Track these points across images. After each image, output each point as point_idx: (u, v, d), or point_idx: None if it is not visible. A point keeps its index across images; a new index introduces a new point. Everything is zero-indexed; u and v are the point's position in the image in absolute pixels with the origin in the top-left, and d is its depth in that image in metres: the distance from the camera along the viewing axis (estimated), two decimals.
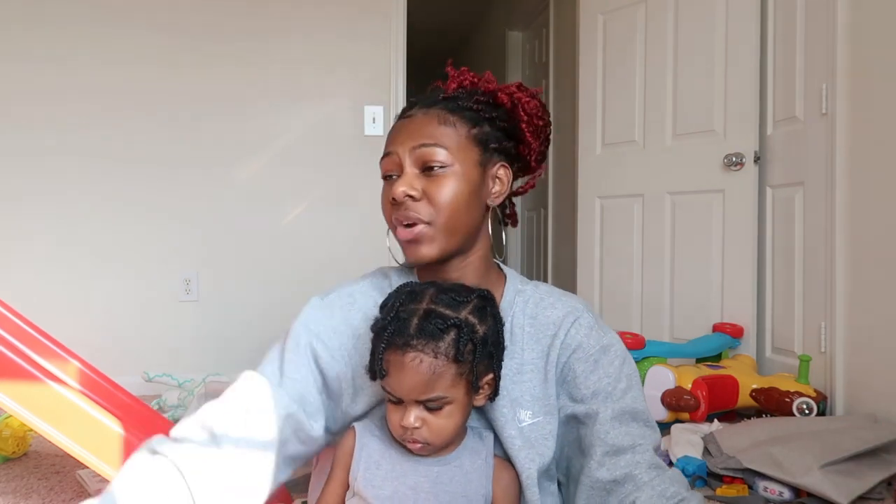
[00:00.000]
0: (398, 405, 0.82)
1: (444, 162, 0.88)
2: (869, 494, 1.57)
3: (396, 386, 0.80)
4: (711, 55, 2.60)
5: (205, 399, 2.03)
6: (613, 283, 3.02)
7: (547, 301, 0.95)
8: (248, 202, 2.93)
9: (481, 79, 0.97)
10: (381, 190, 0.94)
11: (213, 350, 2.84)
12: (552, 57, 3.86)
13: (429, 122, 0.90)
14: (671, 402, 2.03)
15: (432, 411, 0.81)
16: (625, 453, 0.87)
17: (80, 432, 1.27)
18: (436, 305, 0.82)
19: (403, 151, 0.89)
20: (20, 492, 1.67)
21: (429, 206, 0.87)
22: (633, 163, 2.91)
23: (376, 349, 0.81)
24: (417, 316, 0.80)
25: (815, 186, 2.23)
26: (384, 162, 0.91)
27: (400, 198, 0.86)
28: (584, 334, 0.92)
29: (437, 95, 0.93)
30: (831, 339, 2.13)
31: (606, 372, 0.91)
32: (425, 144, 0.88)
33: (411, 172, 0.88)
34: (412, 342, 0.79)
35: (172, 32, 2.85)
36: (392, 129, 0.93)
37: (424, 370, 0.79)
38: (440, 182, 0.88)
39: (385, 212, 0.92)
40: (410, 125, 0.90)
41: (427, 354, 0.79)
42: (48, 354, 1.71)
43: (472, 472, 0.85)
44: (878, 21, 2.01)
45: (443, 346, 0.79)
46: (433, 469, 0.84)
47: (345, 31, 2.99)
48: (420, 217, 0.87)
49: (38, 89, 2.74)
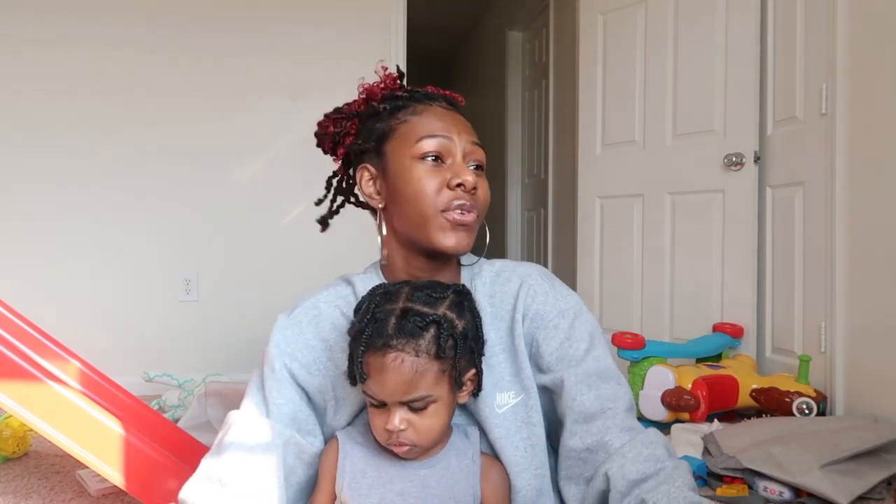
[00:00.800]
0: (381, 409, 0.80)
1: (484, 163, 0.94)
2: (869, 494, 1.57)
3: (379, 388, 0.78)
4: (711, 55, 2.60)
5: (204, 399, 2.04)
6: (613, 283, 3.02)
7: (502, 276, 0.96)
8: (248, 202, 2.93)
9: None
10: (416, 170, 0.89)
11: (213, 350, 2.84)
12: (552, 57, 3.86)
13: (467, 122, 0.95)
14: (671, 402, 2.03)
15: (417, 412, 0.79)
16: (595, 419, 0.85)
17: (81, 432, 1.27)
18: (412, 303, 0.80)
19: (461, 142, 0.91)
20: (20, 492, 1.67)
21: (480, 200, 0.92)
22: (633, 163, 2.91)
23: (355, 353, 0.79)
24: (395, 315, 0.79)
25: (815, 186, 2.23)
26: (433, 142, 0.90)
27: (471, 186, 0.89)
28: (540, 301, 0.92)
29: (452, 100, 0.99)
30: (831, 339, 2.13)
31: (567, 335, 0.90)
32: (478, 144, 0.94)
33: (466, 165, 0.91)
34: (392, 342, 0.77)
35: (172, 31, 2.85)
36: (431, 111, 0.93)
37: (406, 370, 0.77)
38: (483, 181, 0.93)
39: (427, 193, 0.88)
40: (460, 119, 0.94)
41: (408, 353, 0.77)
42: (48, 354, 1.71)
43: (460, 472, 0.84)
44: (878, 21, 2.01)
45: (423, 344, 0.78)
46: (420, 473, 0.83)
47: (345, 31, 2.99)
48: (478, 208, 0.91)
49: (35, 85, 2.74)
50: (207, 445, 1.66)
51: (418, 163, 0.89)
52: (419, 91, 0.96)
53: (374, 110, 0.96)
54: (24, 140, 2.73)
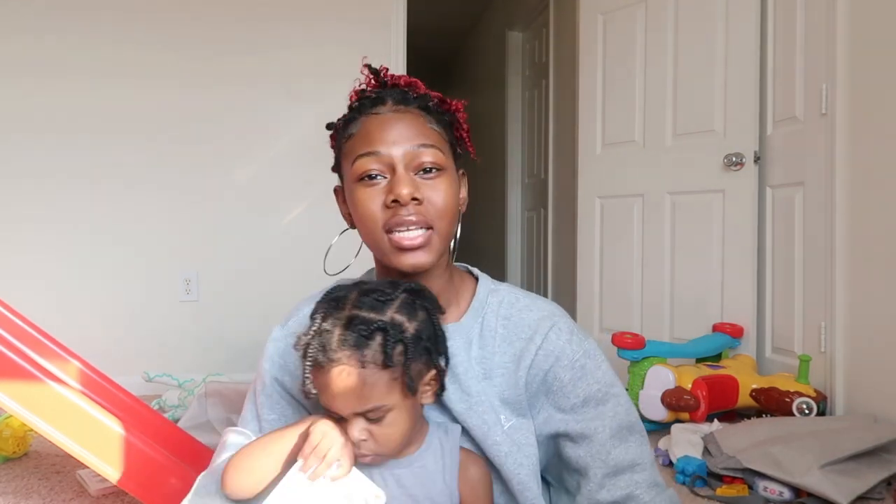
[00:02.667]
0: (341, 421, 0.78)
1: (440, 164, 0.84)
2: (869, 494, 1.57)
3: (330, 403, 0.76)
4: (711, 55, 2.60)
5: (205, 399, 2.04)
6: (613, 283, 3.02)
7: (522, 302, 0.92)
8: (248, 202, 2.93)
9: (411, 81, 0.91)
10: (352, 193, 0.85)
11: (213, 350, 2.84)
12: (552, 57, 3.86)
13: (415, 121, 0.84)
14: (671, 402, 2.03)
15: (374, 422, 0.77)
16: (624, 473, 0.86)
17: (81, 432, 1.26)
18: (359, 310, 0.77)
19: (397, 151, 0.82)
20: (20, 492, 1.67)
21: (429, 207, 0.83)
22: (633, 163, 2.91)
23: (303, 369, 0.76)
24: (340, 326, 0.76)
25: (815, 186, 2.23)
26: (366, 161, 0.83)
27: (406, 200, 0.80)
28: (565, 340, 0.88)
29: (408, 94, 0.87)
30: (831, 339, 2.13)
31: (595, 378, 0.88)
32: (425, 145, 0.83)
33: (407, 174, 0.82)
34: (335, 356, 0.74)
35: (172, 32, 2.84)
36: (364, 127, 0.85)
37: (353, 383, 0.74)
38: (438, 185, 0.83)
39: (370, 215, 0.83)
40: (396, 123, 0.84)
41: (353, 366, 0.74)
42: (48, 354, 1.71)
43: (436, 471, 0.82)
44: (878, 21, 2.01)
45: (370, 354, 0.74)
46: (395, 472, 0.82)
47: (345, 31, 2.99)
48: (426, 221, 0.82)
49: (35, 86, 2.74)
50: (207, 445, 1.67)
51: (358, 185, 0.84)
52: (368, 97, 0.87)
53: (336, 138, 0.91)
54: (23, 140, 2.73)
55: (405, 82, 0.89)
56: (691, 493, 1.67)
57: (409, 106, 0.85)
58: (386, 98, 0.86)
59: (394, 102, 0.86)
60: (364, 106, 0.86)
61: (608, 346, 2.21)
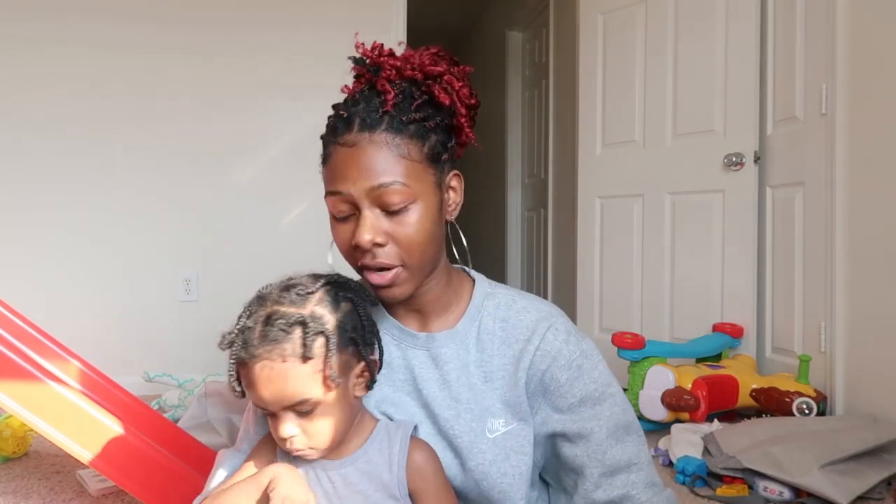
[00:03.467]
0: (272, 417, 0.79)
1: (407, 199, 0.79)
2: (869, 494, 1.57)
3: (258, 399, 0.77)
4: (711, 55, 2.60)
5: (205, 399, 2.04)
6: (613, 283, 3.02)
7: (519, 304, 0.91)
8: (248, 202, 2.93)
9: (405, 62, 0.83)
10: (332, 225, 0.84)
11: (213, 350, 2.78)
12: (552, 57, 3.86)
13: (379, 153, 0.79)
14: (671, 402, 2.03)
15: (304, 416, 0.77)
16: (621, 472, 0.86)
17: (81, 432, 1.27)
18: (279, 305, 0.78)
19: (358, 192, 0.79)
20: (20, 492, 1.67)
21: (397, 248, 0.80)
22: (633, 163, 2.91)
23: (228, 367, 0.78)
24: (261, 322, 0.77)
25: (815, 186, 2.23)
26: (332, 201, 0.82)
27: (367, 246, 0.79)
28: (562, 340, 0.87)
29: (377, 110, 0.80)
30: (831, 339, 2.13)
31: (592, 377, 0.87)
32: (384, 185, 0.78)
33: (371, 215, 0.79)
34: (256, 352, 0.75)
35: (172, 31, 2.85)
36: (332, 158, 0.82)
37: (276, 377, 0.75)
38: (405, 220, 0.80)
39: (342, 251, 0.83)
40: (359, 158, 0.79)
41: (274, 360, 0.75)
42: (48, 354, 1.71)
43: (382, 464, 0.82)
44: (878, 21, 2.01)
45: (289, 348, 0.75)
46: (342, 472, 0.81)
47: (345, 31, 2.97)
48: (392, 262, 0.80)
49: (35, 89, 2.74)
50: (207, 445, 1.67)
51: (331, 217, 0.84)
52: (340, 118, 0.82)
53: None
54: (23, 140, 2.73)
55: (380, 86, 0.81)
56: (691, 493, 1.67)
57: (374, 131, 0.79)
58: (353, 119, 0.80)
59: (360, 127, 0.79)
60: (334, 130, 0.82)
61: (608, 346, 2.21)
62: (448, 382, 0.87)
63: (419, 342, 0.89)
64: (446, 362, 0.88)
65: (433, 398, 0.87)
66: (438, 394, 0.87)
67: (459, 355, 0.88)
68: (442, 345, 0.89)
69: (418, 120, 0.81)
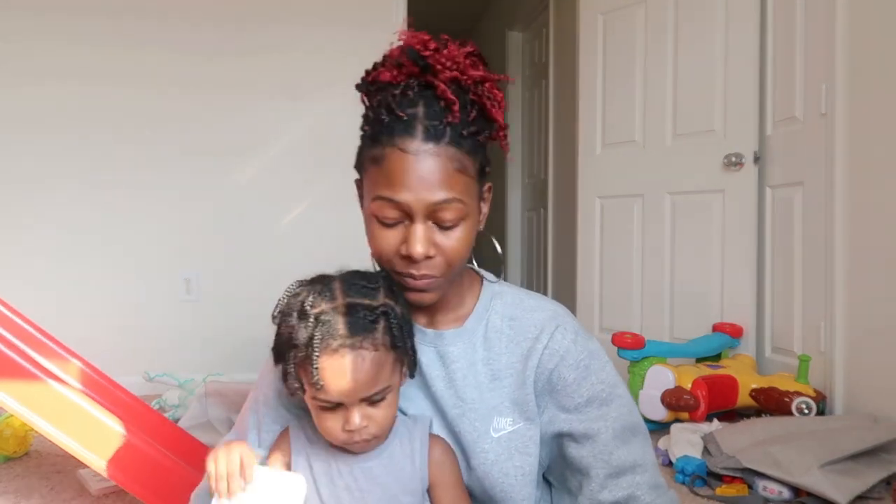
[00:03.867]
0: (334, 411, 0.78)
1: (460, 216, 0.80)
2: (868, 494, 1.57)
3: (338, 392, 0.76)
4: (711, 55, 2.60)
5: (205, 399, 2.04)
6: (613, 283, 3.02)
7: (527, 303, 0.91)
8: (248, 202, 2.93)
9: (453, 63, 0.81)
10: (368, 223, 0.83)
11: (213, 350, 2.84)
12: (552, 57, 3.86)
13: (443, 168, 0.77)
14: (671, 401, 2.03)
15: (375, 404, 0.78)
16: (626, 474, 0.86)
17: (81, 432, 1.27)
18: (353, 298, 0.78)
19: (417, 204, 0.77)
20: (21, 491, 1.68)
21: (442, 259, 0.81)
22: (633, 163, 2.91)
23: (307, 361, 0.75)
24: (340, 313, 0.76)
25: (815, 186, 2.24)
26: (384, 206, 0.79)
27: (420, 259, 0.79)
28: (570, 340, 0.88)
29: (440, 120, 0.78)
30: (831, 339, 2.14)
31: (599, 378, 0.88)
32: (445, 201, 0.78)
33: (424, 227, 0.79)
34: (348, 342, 0.75)
35: (172, 31, 2.85)
36: (390, 162, 0.78)
37: (368, 367, 0.76)
38: (453, 235, 0.81)
39: (381, 255, 0.82)
40: (422, 170, 0.77)
41: (367, 350, 0.76)
42: (49, 354, 1.72)
43: (404, 458, 0.83)
44: (878, 21, 2.01)
45: (379, 338, 0.77)
46: (365, 465, 0.82)
47: (345, 31, 2.99)
48: (435, 273, 0.81)
49: (36, 87, 2.74)
50: (208, 445, 1.67)
51: (374, 219, 0.82)
52: (399, 120, 0.78)
53: (365, 119, 0.85)
54: (23, 140, 2.73)
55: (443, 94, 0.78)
56: (691, 492, 1.67)
57: (439, 143, 0.77)
58: (416, 126, 0.77)
59: (424, 137, 0.77)
60: (392, 130, 0.78)
61: (608, 346, 2.21)
62: (454, 381, 0.88)
63: (427, 339, 0.90)
64: (453, 361, 0.88)
65: (440, 395, 0.88)
66: (445, 392, 0.88)
67: (467, 354, 0.89)
68: (450, 343, 0.89)
69: (474, 134, 0.81)
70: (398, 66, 0.81)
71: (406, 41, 0.81)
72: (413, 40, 0.81)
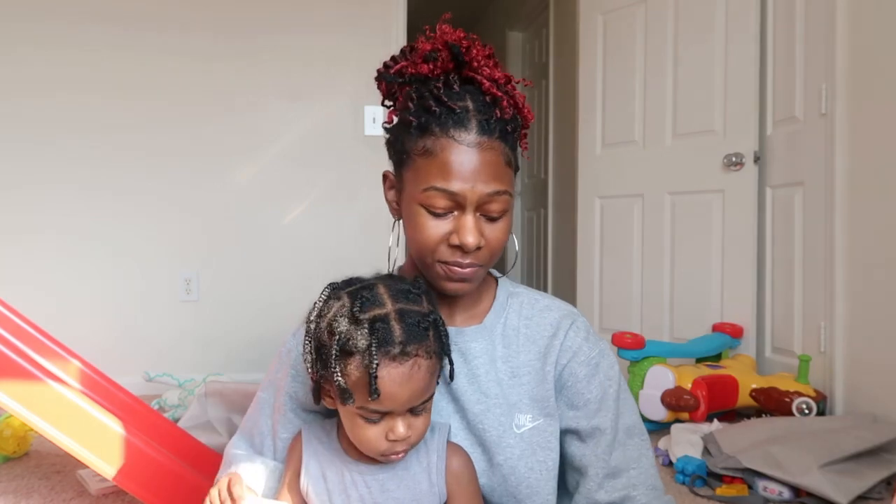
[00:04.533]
0: (377, 421, 0.75)
1: (507, 207, 0.82)
2: (868, 494, 1.57)
3: (392, 400, 0.73)
4: (711, 55, 2.60)
5: (205, 399, 2.04)
6: (613, 283, 3.02)
7: (542, 303, 0.94)
8: (248, 202, 2.93)
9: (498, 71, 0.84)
10: (415, 215, 0.82)
11: (213, 350, 2.84)
12: (552, 57, 3.86)
13: (496, 160, 0.80)
14: (671, 402, 2.03)
15: (418, 414, 0.76)
16: (623, 474, 0.87)
17: (81, 432, 1.27)
18: (402, 304, 0.76)
19: (473, 195, 0.79)
20: (21, 491, 1.68)
21: (487, 251, 0.83)
22: (633, 163, 2.91)
23: (361, 370, 0.72)
24: (394, 320, 0.74)
25: (815, 186, 2.24)
26: (438, 197, 0.79)
27: (472, 249, 0.80)
28: (582, 338, 0.90)
29: (491, 116, 0.80)
30: (831, 339, 2.14)
31: (608, 375, 0.90)
32: (498, 192, 0.80)
33: (474, 218, 0.80)
34: (407, 349, 0.73)
35: (172, 32, 2.85)
36: (446, 153, 0.78)
37: (423, 375, 0.74)
38: (498, 227, 0.83)
39: (427, 245, 0.81)
40: (478, 162, 0.78)
41: (422, 357, 0.74)
42: (49, 354, 1.71)
43: (420, 471, 0.81)
44: (878, 21, 2.01)
45: (431, 346, 0.76)
46: (378, 477, 0.80)
47: (345, 31, 2.99)
48: (481, 263, 0.83)
49: (37, 88, 2.74)
50: (208, 445, 1.67)
51: (422, 209, 0.81)
52: (451, 112, 0.79)
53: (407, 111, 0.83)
54: (24, 141, 2.73)
55: (489, 92, 0.80)
56: (691, 492, 1.67)
57: (492, 137, 0.79)
58: (470, 119, 0.79)
59: (478, 132, 0.79)
60: (445, 122, 0.79)
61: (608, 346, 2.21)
62: (477, 377, 0.88)
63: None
64: (475, 357, 0.88)
65: (462, 392, 0.88)
66: (468, 388, 0.88)
67: (488, 350, 0.89)
68: (471, 339, 0.89)
69: (513, 130, 0.83)
70: (432, 59, 0.83)
71: (445, 36, 0.83)
72: (453, 36, 0.83)
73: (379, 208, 2.78)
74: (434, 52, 0.83)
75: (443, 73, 0.83)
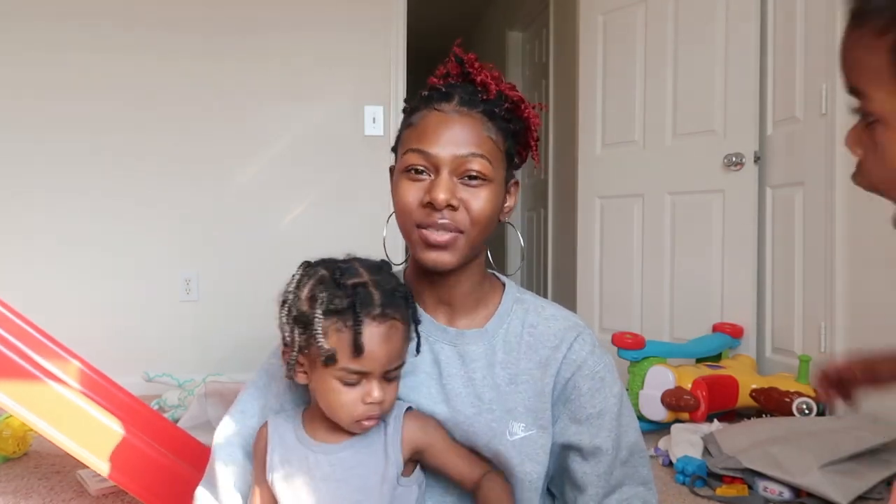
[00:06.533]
0: (354, 385, 0.79)
1: (486, 175, 0.83)
2: (869, 494, 1.57)
3: (372, 360, 0.78)
4: (711, 55, 2.60)
5: (205, 399, 2.04)
6: (613, 283, 3.02)
7: (548, 312, 0.93)
8: (248, 202, 2.93)
9: (503, 81, 0.91)
10: (397, 182, 0.86)
11: (213, 350, 2.84)
12: (552, 57, 3.86)
13: (472, 128, 0.84)
14: (671, 402, 2.03)
15: (390, 381, 0.81)
16: (617, 490, 0.89)
17: (81, 432, 1.27)
18: (375, 275, 0.82)
19: (445, 154, 0.82)
20: (20, 492, 1.68)
21: (466, 215, 0.83)
22: (633, 163, 2.91)
23: (346, 328, 0.78)
24: (372, 287, 0.80)
25: (815, 186, 2.23)
26: (414, 156, 0.83)
27: (441, 205, 0.81)
28: (588, 351, 0.89)
29: (476, 95, 0.86)
30: (831, 339, 2.13)
31: (612, 392, 0.89)
32: (475, 154, 0.83)
33: (449, 178, 0.83)
34: (387, 311, 0.79)
35: (172, 32, 2.85)
36: (424, 120, 0.84)
37: (400, 337, 0.81)
38: (479, 194, 0.83)
39: (405, 208, 0.85)
40: (453, 126, 0.83)
41: (399, 321, 0.81)
42: (49, 354, 1.71)
43: (379, 445, 0.83)
44: None
45: (405, 313, 0.82)
46: (340, 456, 0.83)
47: (345, 31, 2.99)
48: (457, 226, 0.83)
49: (37, 88, 2.74)
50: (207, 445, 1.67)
51: (403, 175, 0.85)
52: (437, 90, 0.86)
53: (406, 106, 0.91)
54: (25, 142, 2.73)
55: (481, 81, 0.87)
56: (691, 492, 1.67)
57: (472, 109, 0.84)
58: (453, 94, 0.85)
59: (459, 102, 0.85)
60: (431, 98, 0.86)
61: (608, 346, 2.21)
62: (473, 381, 0.88)
63: (448, 337, 0.90)
64: (474, 360, 0.88)
65: (456, 394, 0.88)
66: (462, 391, 0.88)
67: (487, 355, 0.89)
68: (471, 342, 0.89)
69: (504, 118, 0.87)
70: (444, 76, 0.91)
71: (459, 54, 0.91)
72: (459, 51, 0.91)
73: (379, 208, 2.79)
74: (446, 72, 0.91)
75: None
